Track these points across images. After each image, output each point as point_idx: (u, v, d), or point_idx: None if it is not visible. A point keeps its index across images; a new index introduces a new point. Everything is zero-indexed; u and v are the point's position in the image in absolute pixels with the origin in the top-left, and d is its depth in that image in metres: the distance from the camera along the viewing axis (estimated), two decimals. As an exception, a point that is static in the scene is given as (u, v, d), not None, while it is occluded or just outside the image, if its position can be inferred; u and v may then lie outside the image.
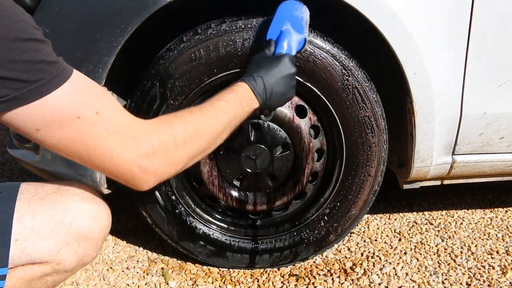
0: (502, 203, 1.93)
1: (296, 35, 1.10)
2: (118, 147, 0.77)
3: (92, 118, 0.75)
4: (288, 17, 1.12)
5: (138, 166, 0.79)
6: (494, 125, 1.40)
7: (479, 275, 1.43)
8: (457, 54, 1.31)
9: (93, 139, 0.76)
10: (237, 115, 0.98)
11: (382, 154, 1.36)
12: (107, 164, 0.78)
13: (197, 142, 0.88)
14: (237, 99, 0.98)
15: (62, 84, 0.73)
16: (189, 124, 0.88)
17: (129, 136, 0.78)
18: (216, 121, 0.93)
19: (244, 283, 1.42)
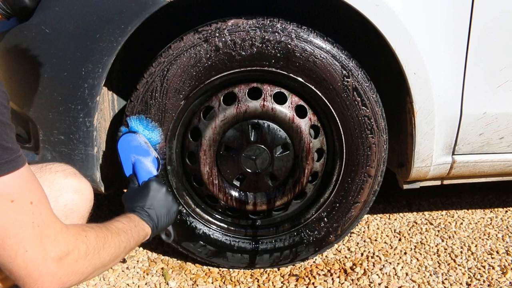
0: (502, 203, 1.93)
1: (146, 159, 1.21)
2: (36, 242, 0.76)
3: (25, 206, 0.75)
4: (130, 150, 1.22)
5: (47, 267, 0.77)
6: (494, 125, 1.40)
7: (479, 275, 1.43)
8: (457, 54, 1.31)
9: (16, 226, 0.74)
10: (134, 237, 0.99)
11: (382, 154, 1.36)
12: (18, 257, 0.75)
13: (103, 254, 0.88)
14: (132, 223, 1.01)
15: (9, 173, 0.73)
16: (99, 236, 0.88)
17: (50, 235, 0.78)
18: (119, 238, 0.94)
19: (244, 283, 1.42)
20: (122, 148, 1.23)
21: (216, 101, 1.33)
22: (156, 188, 1.13)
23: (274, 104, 1.31)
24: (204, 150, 1.34)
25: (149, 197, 1.11)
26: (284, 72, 1.27)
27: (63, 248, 0.79)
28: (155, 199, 1.12)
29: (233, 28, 1.24)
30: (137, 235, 1.01)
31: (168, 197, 1.15)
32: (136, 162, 1.21)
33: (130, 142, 1.23)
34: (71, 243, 0.81)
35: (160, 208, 1.11)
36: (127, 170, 1.22)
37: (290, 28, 1.24)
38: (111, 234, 0.92)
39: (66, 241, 0.80)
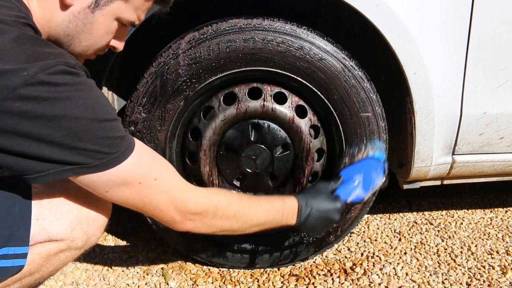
0: (502, 203, 1.93)
1: (359, 191, 1.22)
2: (168, 206, 0.98)
3: (151, 183, 0.94)
4: (366, 172, 1.24)
5: (180, 217, 1.00)
6: (494, 125, 1.40)
7: (479, 275, 1.43)
8: (457, 54, 1.31)
9: (149, 199, 0.95)
10: (273, 221, 1.13)
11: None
12: (158, 215, 0.99)
13: (232, 221, 1.07)
14: (281, 209, 1.14)
15: (131, 154, 0.90)
16: (233, 205, 1.06)
17: (179, 200, 0.98)
18: (255, 216, 1.10)
19: (244, 283, 1.42)
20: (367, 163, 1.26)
21: (216, 101, 1.33)
22: (335, 212, 1.19)
23: (274, 104, 1.31)
24: (204, 150, 1.34)
25: (324, 210, 1.18)
26: (284, 72, 1.27)
27: (192, 207, 1.00)
28: (324, 214, 1.18)
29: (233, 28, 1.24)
30: (277, 221, 1.14)
31: (329, 225, 1.22)
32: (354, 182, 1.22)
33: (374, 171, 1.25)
34: (201, 203, 1.01)
35: (317, 221, 1.18)
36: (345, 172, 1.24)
37: (290, 28, 1.24)
38: (248, 210, 1.09)
39: (195, 201, 1.01)
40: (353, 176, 1.23)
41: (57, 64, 0.81)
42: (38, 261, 0.95)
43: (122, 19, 0.97)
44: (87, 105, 0.84)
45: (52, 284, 1.40)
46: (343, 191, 1.21)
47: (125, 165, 0.89)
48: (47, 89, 0.80)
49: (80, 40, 0.96)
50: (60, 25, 0.93)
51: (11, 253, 0.89)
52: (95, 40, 0.98)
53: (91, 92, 0.86)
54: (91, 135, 0.85)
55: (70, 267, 1.48)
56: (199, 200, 1.01)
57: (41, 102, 0.79)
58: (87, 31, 0.95)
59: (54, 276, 1.43)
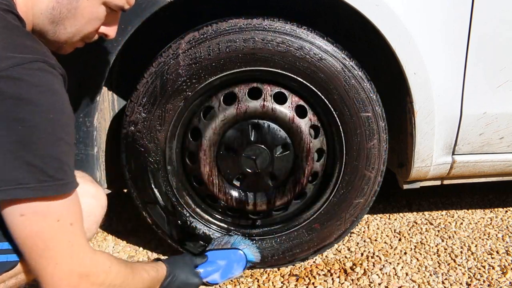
0: (502, 203, 1.93)
1: (217, 276, 1.30)
2: (66, 258, 0.86)
3: (66, 227, 0.85)
4: (230, 261, 1.33)
5: (67, 282, 0.87)
6: (494, 125, 1.40)
7: (479, 275, 1.43)
8: (457, 54, 1.31)
9: (55, 243, 0.84)
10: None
11: (382, 154, 1.36)
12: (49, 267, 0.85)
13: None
14: (155, 278, 1.12)
15: (70, 192, 0.83)
16: (121, 273, 0.97)
17: (79, 254, 0.88)
18: (136, 286, 1.03)
19: (244, 283, 1.42)
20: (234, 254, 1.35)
21: (216, 101, 1.33)
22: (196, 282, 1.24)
23: (274, 104, 1.31)
24: (204, 150, 1.34)
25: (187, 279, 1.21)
26: (284, 72, 1.27)
27: (87, 269, 0.89)
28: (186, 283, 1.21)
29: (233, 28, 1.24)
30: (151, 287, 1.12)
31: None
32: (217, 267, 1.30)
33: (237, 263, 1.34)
34: (94, 267, 0.91)
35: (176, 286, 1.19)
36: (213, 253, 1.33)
37: (290, 28, 1.24)
38: (132, 278, 1.01)
39: (90, 263, 0.90)
40: (217, 261, 1.31)
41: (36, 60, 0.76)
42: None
43: (109, 3, 0.93)
44: (54, 117, 0.77)
45: (52, 284, 1.40)
46: (205, 270, 1.28)
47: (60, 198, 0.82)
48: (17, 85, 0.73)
49: (65, 27, 0.92)
50: (44, 12, 0.90)
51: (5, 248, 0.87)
52: (80, 26, 0.93)
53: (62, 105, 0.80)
54: (44, 150, 0.77)
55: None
56: (94, 264, 0.91)
57: (5, 98, 0.73)
58: (72, 17, 0.91)
59: (54, 276, 1.43)
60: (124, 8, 0.97)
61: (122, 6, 0.96)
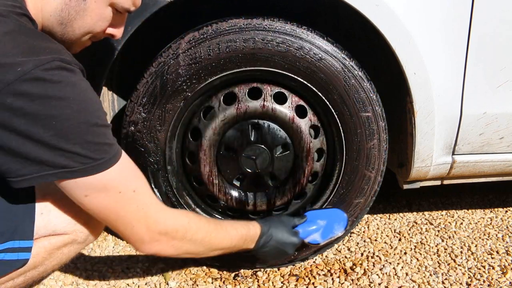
0: (502, 203, 1.93)
1: (317, 236, 1.30)
2: (140, 220, 0.96)
3: (129, 194, 0.94)
4: (330, 221, 1.32)
5: (149, 237, 0.98)
6: (494, 125, 1.40)
7: (479, 275, 1.43)
8: (457, 54, 1.31)
9: (125, 211, 0.94)
10: (236, 247, 1.17)
11: (382, 154, 1.36)
12: (127, 230, 0.97)
13: (198, 246, 1.08)
14: (244, 236, 1.17)
15: (115, 163, 0.90)
16: (202, 229, 1.07)
17: (151, 215, 0.97)
18: (220, 242, 1.12)
19: (244, 283, 1.42)
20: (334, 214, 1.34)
21: (216, 101, 1.33)
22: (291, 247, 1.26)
23: (274, 104, 1.31)
24: (204, 150, 1.34)
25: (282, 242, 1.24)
26: (284, 72, 1.27)
27: (162, 226, 0.99)
28: (281, 247, 1.24)
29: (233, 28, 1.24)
30: (239, 247, 1.17)
31: (282, 256, 1.28)
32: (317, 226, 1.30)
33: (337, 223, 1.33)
34: (170, 224, 1.00)
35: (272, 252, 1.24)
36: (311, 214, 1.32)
37: (290, 28, 1.24)
38: (216, 235, 1.10)
39: (165, 221, 0.99)
40: (317, 220, 1.31)
41: (53, 60, 0.80)
42: (42, 254, 0.97)
43: (116, 5, 0.96)
44: (80, 107, 0.83)
45: (52, 284, 1.40)
46: (304, 230, 1.28)
47: (108, 172, 0.89)
48: (41, 86, 0.79)
49: (73, 29, 0.95)
50: (53, 14, 0.92)
51: (16, 247, 0.91)
52: (89, 28, 0.96)
53: (85, 94, 0.85)
54: (80, 138, 0.84)
55: (70, 267, 1.48)
56: (170, 220, 1.01)
57: (34, 99, 0.78)
58: (80, 18, 0.94)
59: (54, 276, 1.43)
60: (130, 10, 1.00)
61: (128, 8, 0.99)
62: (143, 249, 1.00)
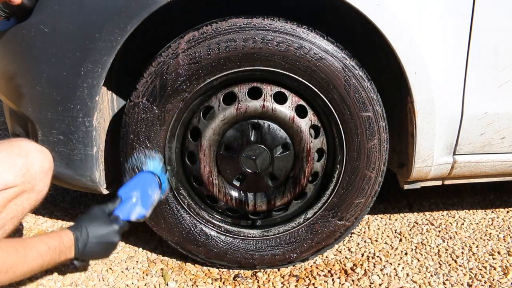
0: (503, 203, 1.92)
1: (140, 209, 1.23)
2: None
3: None
4: (143, 188, 1.24)
5: None
6: (495, 125, 1.39)
7: (480, 276, 1.42)
8: (458, 54, 1.31)
9: None
10: (51, 261, 1.09)
11: (382, 155, 1.36)
12: None
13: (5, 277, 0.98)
14: (58, 248, 1.09)
15: None
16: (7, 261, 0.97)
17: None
18: (30, 264, 1.03)
19: (244, 283, 1.41)
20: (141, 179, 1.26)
21: (216, 101, 1.32)
22: (114, 235, 1.18)
23: (275, 104, 1.31)
24: (204, 150, 1.33)
25: (102, 234, 1.17)
26: (284, 72, 1.27)
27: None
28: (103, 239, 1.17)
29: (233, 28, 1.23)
30: (55, 260, 1.10)
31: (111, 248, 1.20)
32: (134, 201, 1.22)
33: (149, 187, 1.25)
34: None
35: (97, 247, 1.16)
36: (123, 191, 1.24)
37: (290, 28, 1.24)
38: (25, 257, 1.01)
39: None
40: (131, 194, 1.23)
41: None
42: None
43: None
44: None
45: (51, 285, 1.40)
46: (122, 211, 1.21)
47: None
48: None
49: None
50: None
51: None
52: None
53: None
54: None
55: (69, 268, 1.48)
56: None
57: None
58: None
59: (53, 276, 1.42)
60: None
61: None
62: None
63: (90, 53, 1.21)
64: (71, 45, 1.21)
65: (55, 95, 1.25)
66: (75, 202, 1.91)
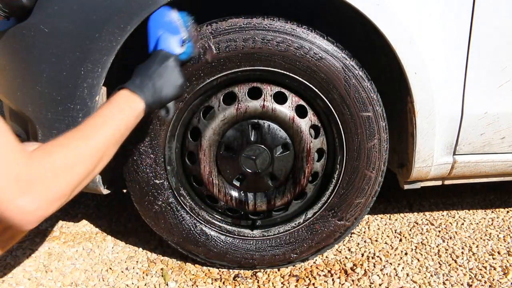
0: (503, 203, 1.92)
1: (174, 38, 1.11)
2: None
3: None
4: (160, 25, 1.14)
5: (19, 205, 0.74)
6: (495, 125, 1.39)
7: (480, 276, 1.42)
8: (458, 54, 1.30)
9: None
10: (120, 125, 0.95)
11: (382, 155, 1.36)
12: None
13: (80, 168, 0.84)
14: (116, 109, 0.97)
15: None
16: (69, 151, 0.84)
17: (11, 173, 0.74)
18: (95, 141, 0.90)
19: (244, 283, 1.41)
20: (153, 23, 1.13)
21: (216, 101, 1.32)
22: (163, 57, 1.06)
23: (275, 104, 1.31)
24: (204, 150, 1.33)
25: (153, 65, 1.04)
26: (284, 72, 1.27)
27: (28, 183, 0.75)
28: (158, 67, 1.04)
29: (232, 28, 1.23)
30: (125, 121, 0.96)
31: (174, 69, 1.07)
32: (161, 38, 1.11)
33: (162, 17, 1.13)
34: (36, 174, 0.76)
35: (161, 77, 1.04)
36: (151, 46, 1.13)
37: (290, 28, 1.24)
38: (86, 142, 0.87)
39: (30, 174, 0.76)
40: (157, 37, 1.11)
41: None
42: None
43: None
44: None
45: (51, 285, 1.40)
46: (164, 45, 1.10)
47: None
48: None
49: None
50: None
51: None
52: None
53: None
54: None
55: (69, 268, 1.48)
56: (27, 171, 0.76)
57: None
58: None
59: (53, 276, 1.42)
60: None
61: None
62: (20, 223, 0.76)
63: (90, 53, 1.21)
64: (71, 45, 1.21)
65: (55, 95, 1.25)
66: (75, 202, 1.91)
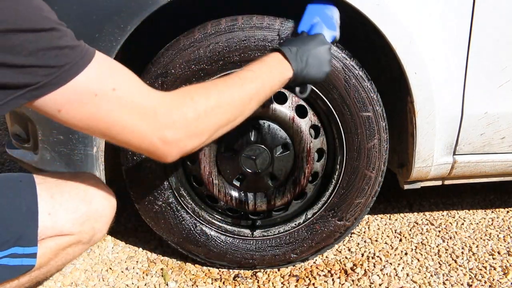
0: (503, 203, 1.92)
1: (328, 31, 1.09)
2: (136, 121, 0.80)
3: (109, 94, 0.78)
4: (318, 14, 1.12)
5: (158, 138, 0.82)
6: (495, 125, 1.39)
7: (480, 276, 1.42)
8: (458, 54, 1.30)
9: (111, 116, 0.79)
10: (266, 84, 0.96)
11: (382, 155, 1.36)
12: (130, 139, 0.81)
13: (219, 113, 0.89)
14: (266, 68, 0.97)
15: (85, 67, 0.76)
16: (211, 95, 0.88)
17: (147, 110, 0.80)
18: (241, 92, 0.92)
19: (244, 283, 1.41)
20: (312, 8, 1.12)
21: (216, 101, 1.32)
22: (322, 40, 1.04)
23: (275, 104, 1.31)
24: (203, 150, 1.33)
25: (310, 43, 1.03)
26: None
27: (166, 118, 0.81)
28: (315, 47, 1.03)
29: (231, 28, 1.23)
30: (271, 82, 0.97)
31: (328, 55, 1.05)
32: (317, 25, 1.08)
33: (325, 9, 1.12)
34: (174, 110, 0.82)
35: (314, 58, 1.02)
36: (303, 26, 1.11)
37: (290, 27, 1.24)
38: (229, 90, 0.90)
39: (167, 110, 0.82)
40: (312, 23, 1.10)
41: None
42: (48, 255, 0.93)
43: None
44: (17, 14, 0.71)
45: (51, 285, 1.40)
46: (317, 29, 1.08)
47: (78, 78, 0.76)
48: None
49: None
50: None
51: (20, 253, 0.87)
52: None
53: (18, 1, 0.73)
54: (30, 48, 0.71)
55: (69, 268, 1.48)
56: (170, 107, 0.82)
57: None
58: None
59: (53, 276, 1.42)
60: None
61: None
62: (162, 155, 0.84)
63: (90, 53, 1.21)
64: (71, 45, 1.21)
65: (55, 95, 1.25)
66: (75, 202, 1.91)
